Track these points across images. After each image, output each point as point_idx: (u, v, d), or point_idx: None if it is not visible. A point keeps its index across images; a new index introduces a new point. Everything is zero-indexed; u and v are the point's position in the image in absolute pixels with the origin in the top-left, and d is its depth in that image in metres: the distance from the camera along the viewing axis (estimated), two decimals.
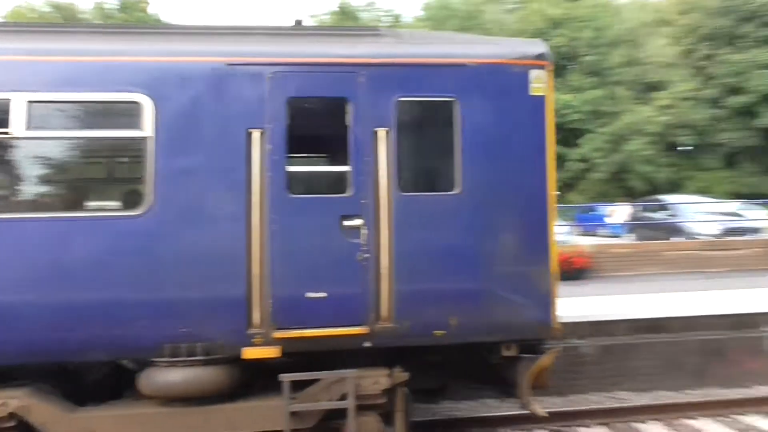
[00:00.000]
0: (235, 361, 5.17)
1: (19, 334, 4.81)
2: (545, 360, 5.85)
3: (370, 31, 6.08)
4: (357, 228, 5.31)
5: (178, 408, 5.14)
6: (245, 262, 5.11)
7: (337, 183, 5.51)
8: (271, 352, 5.16)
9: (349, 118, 5.40)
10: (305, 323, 5.21)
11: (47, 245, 4.88)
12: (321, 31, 6.10)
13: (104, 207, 5.92)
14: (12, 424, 4.88)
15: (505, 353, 5.80)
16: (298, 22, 6.23)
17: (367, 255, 5.33)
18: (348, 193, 5.36)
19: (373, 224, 5.35)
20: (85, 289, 4.91)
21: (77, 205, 5.47)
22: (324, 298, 5.23)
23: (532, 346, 5.85)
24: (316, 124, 5.75)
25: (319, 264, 5.26)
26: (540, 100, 5.75)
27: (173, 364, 5.03)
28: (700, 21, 38.48)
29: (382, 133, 5.42)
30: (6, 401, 4.86)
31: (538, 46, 5.92)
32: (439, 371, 6.01)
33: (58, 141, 5.14)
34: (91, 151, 5.43)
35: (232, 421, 5.19)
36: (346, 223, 5.30)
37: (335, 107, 5.45)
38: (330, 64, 5.42)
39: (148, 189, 5.03)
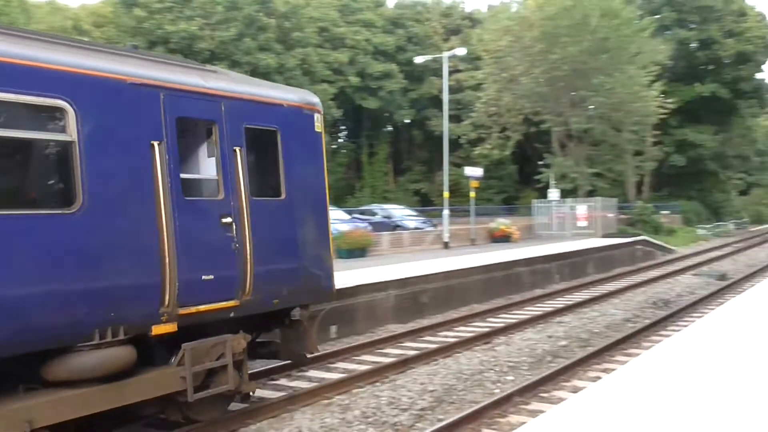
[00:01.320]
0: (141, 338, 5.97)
1: None
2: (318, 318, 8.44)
3: (213, 69, 7.68)
4: (230, 224, 6.71)
5: (99, 386, 5.64)
6: (159, 253, 6.00)
7: (213, 189, 6.85)
8: (172, 327, 6.14)
9: (217, 138, 6.75)
10: (200, 301, 6.38)
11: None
12: (188, 64, 7.50)
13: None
14: None
15: (303, 315, 7.94)
16: (135, 47, 7.39)
17: (237, 245, 6.75)
18: (221, 197, 6.71)
19: (239, 221, 6.79)
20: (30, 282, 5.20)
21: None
22: (212, 279, 6.49)
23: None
24: (196, 139, 7.04)
25: (207, 253, 6.53)
26: (320, 135, 8.12)
27: (98, 347, 5.57)
28: (114, 36, 39.26)
29: (238, 150, 6.87)
30: None
31: (315, 97, 8.32)
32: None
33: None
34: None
35: (141, 390, 5.99)
36: (223, 220, 6.65)
37: (208, 128, 6.85)
38: (204, 92, 6.68)
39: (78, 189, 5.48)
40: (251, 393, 7.49)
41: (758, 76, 55.59)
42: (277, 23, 38.06)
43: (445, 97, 31.36)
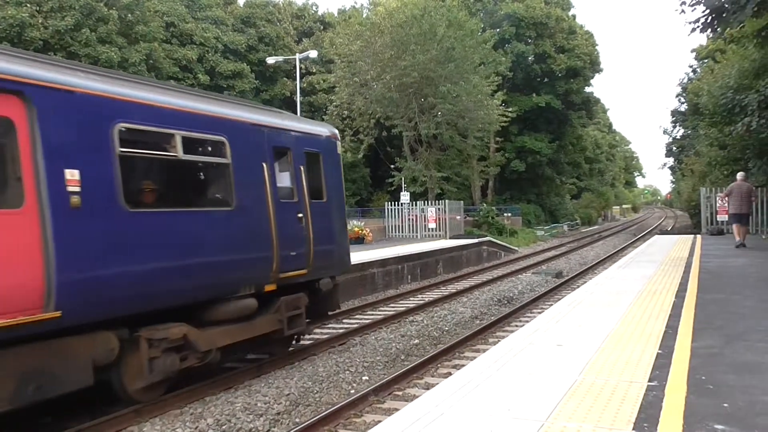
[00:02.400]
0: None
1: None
2: (339, 285, 11.51)
3: (279, 111, 11.31)
4: (302, 218, 9.94)
5: (239, 323, 8.83)
6: (270, 236, 9.15)
7: (289, 194, 9.85)
8: (274, 287, 9.35)
9: (291, 159, 9.99)
10: (289, 269, 9.58)
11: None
12: (269, 108, 11.29)
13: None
14: (181, 343, 7.87)
15: (331, 282, 10.98)
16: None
17: (305, 232, 9.96)
18: (296, 200, 9.92)
19: (306, 216, 10.01)
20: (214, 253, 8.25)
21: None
22: (295, 254, 9.67)
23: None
24: (280, 160, 9.90)
25: (293, 237, 9.69)
26: (340, 156, 11.73)
27: (241, 298, 8.78)
28: None
29: (302, 167, 10.10)
30: (180, 327, 7.84)
31: (336, 130, 11.78)
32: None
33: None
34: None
35: (259, 327, 9.24)
36: (298, 215, 9.89)
37: (284, 152, 9.92)
38: (285, 129, 10.04)
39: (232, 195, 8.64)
40: (304, 335, 11.10)
41: (587, 89, 60.62)
42: (119, 15, 35.91)
43: (298, 98, 31.21)
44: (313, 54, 33.58)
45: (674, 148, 65.14)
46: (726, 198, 19.56)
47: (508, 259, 30.42)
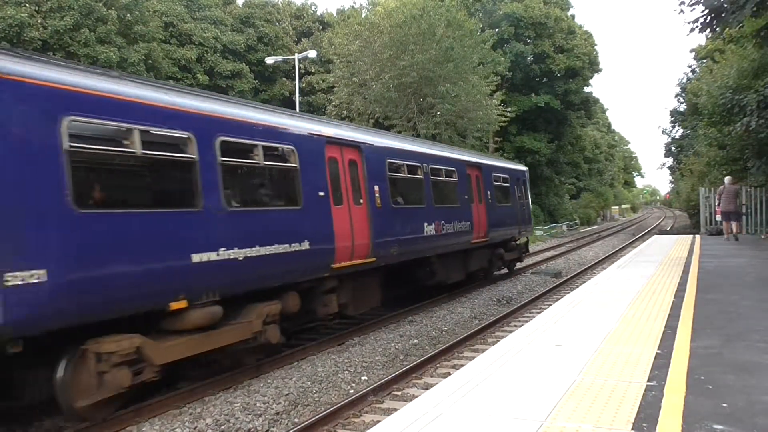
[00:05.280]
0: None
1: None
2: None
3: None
4: (525, 209, 24.16)
5: (512, 252, 22.61)
6: (516, 216, 22.41)
7: (520, 197, 23.20)
8: (516, 239, 22.87)
9: (519, 182, 23.56)
10: (520, 232, 22.96)
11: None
12: (510, 161, 27.66)
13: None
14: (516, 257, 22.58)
15: (524, 240, 24.02)
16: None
17: (525, 216, 23.92)
18: (521, 200, 23.35)
19: (525, 208, 24.27)
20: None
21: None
22: (522, 224, 23.20)
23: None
24: (516, 182, 23.01)
25: (522, 217, 23.37)
26: (527, 178, 25.19)
27: (513, 241, 22.54)
28: None
29: (521, 185, 23.89)
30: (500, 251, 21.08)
31: (524, 167, 25.65)
32: None
33: None
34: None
35: (514, 254, 22.58)
36: (522, 207, 23.65)
37: (517, 179, 23.04)
38: (516, 169, 23.83)
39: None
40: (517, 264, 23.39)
41: (586, 89, 60.58)
42: (118, 15, 35.84)
43: (297, 99, 31.18)
44: (312, 54, 33.56)
45: (673, 148, 65.10)
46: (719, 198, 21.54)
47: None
